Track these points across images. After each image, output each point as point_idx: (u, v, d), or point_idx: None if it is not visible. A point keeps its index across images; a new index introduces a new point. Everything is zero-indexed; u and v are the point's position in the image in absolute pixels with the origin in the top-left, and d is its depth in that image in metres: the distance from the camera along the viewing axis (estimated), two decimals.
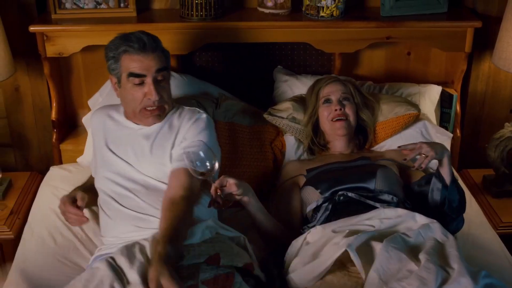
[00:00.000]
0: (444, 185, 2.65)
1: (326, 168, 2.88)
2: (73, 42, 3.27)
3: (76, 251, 2.78)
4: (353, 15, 3.38)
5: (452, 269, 2.15)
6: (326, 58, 3.60)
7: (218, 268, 2.27)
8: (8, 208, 3.18)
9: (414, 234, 2.32)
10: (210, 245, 2.37)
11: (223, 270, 2.27)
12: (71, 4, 3.30)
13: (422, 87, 3.46)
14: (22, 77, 3.43)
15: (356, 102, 3.05)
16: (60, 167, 3.39)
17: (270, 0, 3.35)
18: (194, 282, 2.21)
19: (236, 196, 2.53)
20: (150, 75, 2.63)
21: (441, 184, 2.64)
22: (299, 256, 2.38)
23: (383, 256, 2.17)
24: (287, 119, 3.12)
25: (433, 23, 3.33)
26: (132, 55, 2.63)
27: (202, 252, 2.33)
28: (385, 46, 3.59)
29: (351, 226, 2.40)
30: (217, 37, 3.33)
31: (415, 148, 2.63)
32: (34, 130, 3.56)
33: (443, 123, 3.53)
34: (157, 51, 2.67)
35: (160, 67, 2.65)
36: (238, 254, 2.39)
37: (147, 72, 2.63)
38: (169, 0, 3.47)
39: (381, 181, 2.69)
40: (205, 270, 2.25)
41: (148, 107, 2.67)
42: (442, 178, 2.65)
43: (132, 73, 2.63)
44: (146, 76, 2.63)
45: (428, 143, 2.64)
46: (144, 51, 2.63)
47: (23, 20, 3.31)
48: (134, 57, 2.63)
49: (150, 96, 2.63)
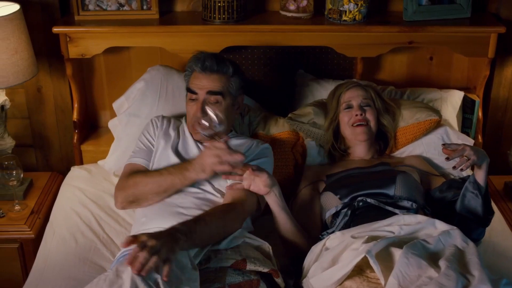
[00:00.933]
0: (480, 192, 2.63)
1: (345, 174, 2.87)
2: (95, 44, 3.29)
3: (97, 252, 2.81)
4: (376, 20, 3.36)
5: (472, 276, 2.14)
6: (347, 62, 3.59)
7: (244, 273, 2.32)
8: (29, 208, 3.20)
9: (434, 240, 2.31)
10: (236, 251, 2.43)
11: (249, 276, 2.32)
12: (94, 5, 3.32)
13: (444, 93, 3.44)
14: (44, 78, 3.45)
15: (377, 108, 3.04)
16: (80, 168, 3.41)
17: (292, 3, 3.35)
18: (221, 285, 2.26)
19: (265, 187, 2.58)
20: (202, 94, 2.81)
21: (477, 191, 2.63)
22: (319, 262, 2.38)
23: (403, 262, 2.16)
24: (308, 124, 3.11)
25: (456, 28, 3.31)
26: (196, 73, 2.87)
27: (229, 256, 2.38)
28: (407, 50, 3.58)
29: (370, 232, 2.39)
30: (239, 40, 3.33)
31: (458, 149, 2.58)
32: (56, 131, 3.58)
33: (464, 129, 3.50)
34: (217, 74, 2.84)
35: (213, 89, 2.81)
36: (263, 260, 2.43)
37: (199, 90, 2.82)
38: (192, 3, 3.48)
39: (400, 187, 2.68)
40: (232, 275, 2.31)
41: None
42: (478, 184, 2.63)
43: (189, 89, 2.88)
44: (197, 94, 2.80)
45: (471, 147, 2.60)
46: (204, 72, 2.84)
47: (46, 21, 3.33)
48: (196, 75, 2.87)
49: (196, 113, 2.78)
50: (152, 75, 3.35)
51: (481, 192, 2.63)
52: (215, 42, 3.31)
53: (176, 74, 3.35)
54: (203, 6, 3.32)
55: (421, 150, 3.15)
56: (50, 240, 2.88)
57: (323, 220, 2.78)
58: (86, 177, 3.30)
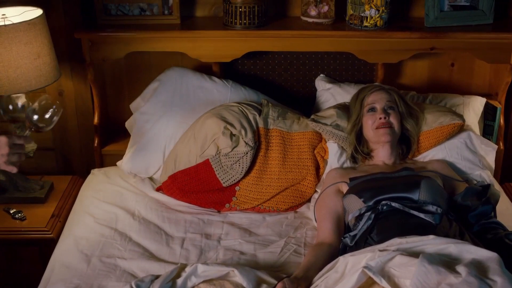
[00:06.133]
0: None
1: (369, 177, 2.86)
2: (117, 49, 3.31)
3: (109, 246, 2.82)
4: (397, 26, 3.36)
5: (494, 282, 2.09)
6: (368, 68, 3.58)
7: None
8: (49, 211, 3.22)
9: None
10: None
11: None
12: (116, 10, 3.34)
13: (466, 98, 3.42)
14: (66, 82, 3.47)
15: (401, 111, 3.02)
16: (99, 170, 3.44)
17: (313, 9, 3.35)
18: None
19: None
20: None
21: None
22: (323, 281, 2.36)
23: (421, 271, 2.12)
24: (330, 126, 3.10)
25: (478, 35, 3.30)
26: None
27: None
28: (429, 56, 3.57)
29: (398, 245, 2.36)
30: (260, 45, 3.34)
31: None
32: (77, 135, 3.60)
33: (486, 135, 3.48)
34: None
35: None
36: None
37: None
38: (213, 8, 3.49)
39: (425, 192, 2.66)
40: None
41: None
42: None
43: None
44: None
45: None
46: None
47: (68, 26, 3.35)
48: None
49: None
50: (168, 75, 3.39)
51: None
52: (236, 48, 3.32)
53: (191, 74, 3.38)
54: (224, 11, 3.32)
55: (443, 154, 3.12)
56: (64, 240, 2.89)
57: (346, 222, 2.77)
58: (104, 179, 3.33)
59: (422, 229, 2.48)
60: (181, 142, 3.20)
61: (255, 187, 3.08)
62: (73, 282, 2.58)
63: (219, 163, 3.05)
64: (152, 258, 2.73)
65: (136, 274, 2.62)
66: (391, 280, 2.15)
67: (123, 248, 2.80)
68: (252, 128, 3.08)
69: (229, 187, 3.08)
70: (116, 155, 3.46)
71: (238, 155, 3.02)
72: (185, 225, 2.97)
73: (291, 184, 3.08)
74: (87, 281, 2.59)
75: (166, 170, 3.18)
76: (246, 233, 2.93)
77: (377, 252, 2.26)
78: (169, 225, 2.97)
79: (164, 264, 2.67)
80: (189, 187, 3.09)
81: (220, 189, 3.09)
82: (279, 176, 3.08)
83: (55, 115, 2.69)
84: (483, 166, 3.15)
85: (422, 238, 2.32)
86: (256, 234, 2.93)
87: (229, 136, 3.02)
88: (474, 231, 2.66)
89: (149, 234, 2.90)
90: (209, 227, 2.97)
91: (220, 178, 3.05)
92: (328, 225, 2.76)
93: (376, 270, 2.15)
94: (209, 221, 3.01)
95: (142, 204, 3.12)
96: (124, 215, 3.02)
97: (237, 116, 3.09)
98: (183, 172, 3.11)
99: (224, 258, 2.72)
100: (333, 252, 2.61)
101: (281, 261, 2.70)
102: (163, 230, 2.94)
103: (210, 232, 2.93)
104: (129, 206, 3.10)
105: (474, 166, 3.12)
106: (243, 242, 2.85)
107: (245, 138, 3.02)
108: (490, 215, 2.73)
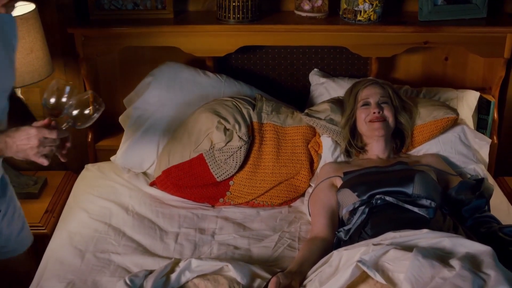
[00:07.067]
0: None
1: (363, 171, 2.86)
2: (111, 44, 3.31)
3: (103, 241, 2.81)
4: (391, 20, 3.36)
5: (487, 276, 2.09)
6: (362, 62, 3.59)
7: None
8: (43, 207, 3.22)
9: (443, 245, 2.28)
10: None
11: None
12: (109, 4, 3.33)
13: (460, 92, 3.43)
14: (59, 77, 3.44)
15: (395, 105, 3.02)
16: (93, 165, 3.44)
17: (307, 3, 3.35)
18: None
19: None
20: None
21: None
22: (317, 275, 2.36)
23: (415, 265, 2.12)
24: (324, 120, 3.09)
25: (472, 29, 3.30)
26: None
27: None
28: (422, 50, 3.57)
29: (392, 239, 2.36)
30: (254, 39, 3.34)
31: None
32: (70, 130, 3.58)
33: (480, 129, 3.48)
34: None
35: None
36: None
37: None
38: (206, 2, 3.49)
39: (419, 186, 2.66)
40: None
41: None
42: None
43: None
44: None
45: None
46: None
47: (61, 21, 3.34)
48: None
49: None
50: (161, 70, 3.39)
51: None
52: (230, 42, 3.32)
53: (185, 69, 3.38)
54: (217, 5, 3.32)
55: (438, 148, 3.13)
56: (58, 235, 2.89)
57: (340, 216, 2.77)
58: (98, 174, 3.33)
59: (416, 223, 2.48)
60: (175, 137, 3.20)
61: (249, 182, 3.08)
62: (67, 278, 2.57)
63: (213, 157, 3.05)
64: (146, 253, 2.73)
65: (130, 269, 2.62)
66: (385, 274, 2.15)
67: (117, 243, 2.79)
68: (246, 122, 3.08)
69: (223, 181, 3.08)
70: (110, 150, 3.45)
71: (232, 149, 3.02)
72: (179, 220, 2.97)
73: (285, 179, 3.08)
74: (81, 276, 2.58)
75: (160, 165, 3.18)
76: (240, 227, 2.93)
77: (371, 246, 2.26)
78: (163, 220, 2.97)
79: (158, 259, 2.67)
80: (183, 182, 3.09)
81: (214, 183, 3.08)
82: (273, 170, 3.08)
83: (96, 112, 2.52)
84: (477, 160, 3.16)
85: (416, 232, 2.32)
86: (250, 228, 2.93)
87: (223, 130, 3.02)
88: (468, 225, 2.67)
89: (143, 229, 2.90)
90: (203, 222, 2.97)
91: (214, 173, 3.05)
92: (322, 219, 2.76)
93: (370, 264, 2.15)
94: (203, 216, 3.01)
95: (136, 199, 3.11)
96: (118, 210, 3.02)
97: (231, 111, 3.09)
98: (177, 167, 3.10)
99: (218, 253, 2.72)
100: (327, 247, 2.61)
101: (275, 255, 2.70)
102: (157, 225, 2.93)
103: (204, 227, 2.93)
104: (123, 201, 3.09)
105: (468, 160, 3.13)
106: (237, 236, 2.84)
107: (239, 133, 3.02)
108: (484, 209, 2.74)
